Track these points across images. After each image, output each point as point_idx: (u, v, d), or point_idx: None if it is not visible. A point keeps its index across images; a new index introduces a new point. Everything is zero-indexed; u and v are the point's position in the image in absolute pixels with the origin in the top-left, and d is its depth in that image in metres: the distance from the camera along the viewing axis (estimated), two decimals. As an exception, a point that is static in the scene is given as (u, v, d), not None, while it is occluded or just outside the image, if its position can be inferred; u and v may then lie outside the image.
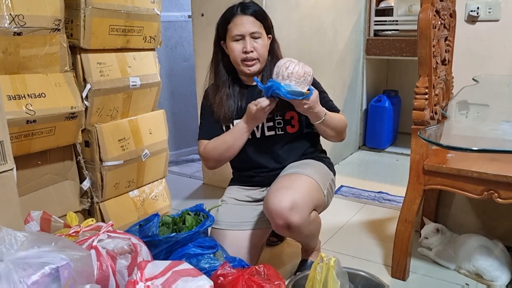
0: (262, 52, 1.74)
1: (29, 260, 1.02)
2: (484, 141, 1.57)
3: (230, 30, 1.73)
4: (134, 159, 2.11)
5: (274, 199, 1.59)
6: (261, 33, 1.73)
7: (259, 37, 1.72)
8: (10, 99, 1.58)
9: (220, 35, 1.79)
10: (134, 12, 1.99)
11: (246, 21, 1.70)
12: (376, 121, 3.71)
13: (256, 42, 1.72)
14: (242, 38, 1.71)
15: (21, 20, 1.57)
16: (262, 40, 1.73)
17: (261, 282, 1.42)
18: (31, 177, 1.78)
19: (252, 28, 1.70)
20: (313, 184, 1.69)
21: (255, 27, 1.71)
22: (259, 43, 1.72)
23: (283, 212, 1.56)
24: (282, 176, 1.74)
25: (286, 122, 1.80)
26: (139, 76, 2.08)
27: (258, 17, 1.72)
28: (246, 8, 1.72)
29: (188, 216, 1.77)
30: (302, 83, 1.58)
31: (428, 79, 1.73)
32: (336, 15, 3.15)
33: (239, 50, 1.72)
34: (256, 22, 1.72)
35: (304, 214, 1.60)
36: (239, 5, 1.74)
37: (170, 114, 3.13)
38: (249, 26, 1.70)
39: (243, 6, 1.73)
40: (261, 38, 1.72)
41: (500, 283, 1.77)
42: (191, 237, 1.64)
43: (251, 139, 1.79)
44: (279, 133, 1.80)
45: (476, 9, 2.20)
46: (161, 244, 1.61)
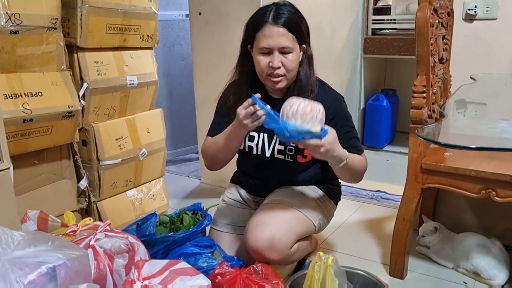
0: (291, 68, 1.54)
1: (26, 260, 1.02)
2: (482, 140, 1.57)
3: (257, 40, 1.52)
4: (131, 158, 2.11)
5: (251, 237, 1.55)
6: (293, 48, 1.51)
7: (289, 52, 1.51)
8: (6, 98, 1.57)
9: (247, 39, 1.59)
10: (131, 10, 1.98)
11: (276, 33, 1.48)
12: (374, 120, 3.70)
13: (286, 57, 1.51)
14: (270, 52, 1.51)
15: (17, 19, 1.57)
16: (293, 55, 1.52)
17: (259, 281, 1.42)
18: (28, 176, 1.78)
19: (283, 42, 1.49)
20: (297, 216, 1.62)
21: (286, 41, 1.49)
22: (288, 59, 1.51)
23: (260, 252, 1.54)
24: (265, 206, 1.66)
25: (298, 151, 1.65)
26: (136, 75, 2.08)
27: (291, 29, 1.50)
28: (279, 17, 1.49)
29: (186, 216, 1.77)
30: (310, 121, 1.35)
31: (426, 78, 1.72)
32: (334, 14, 3.14)
33: (265, 64, 1.52)
34: (288, 35, 1.49)
35: (283, 252, 1.56)
36: (272, 9, 1.52)
37: (167, 113, 3.12)
38: (279, 40, 1.49)
39: (276, 13, 1.50)
40: (291, 53, 1.51)
41: (498, 281, 1.78)
42: (189, 236, 1.63)
43: (260, 154, 1.69)
44: (288, 160, 1.67)
45: (473, 7, 2.20)
46: (158, 244, 1.61)
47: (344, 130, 1.58)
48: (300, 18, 1.56)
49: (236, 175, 1.94)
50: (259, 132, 1.68)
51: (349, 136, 1.61)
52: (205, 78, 2.85)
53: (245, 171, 1.85)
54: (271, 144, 1.68)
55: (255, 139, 1.70)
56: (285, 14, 1.51)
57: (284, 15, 1.50)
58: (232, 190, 1.90)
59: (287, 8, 1.54)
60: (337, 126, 1.53)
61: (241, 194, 1.87)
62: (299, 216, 1.63)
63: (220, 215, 1.84)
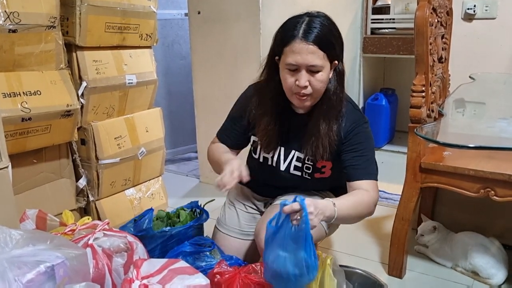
0: (319, 88, 1.41)
1: (24, 259, 1.02)
2: (480, 139, 1.57)
3: (285, 54, 1.39)
4: (130, 157, 2.11)
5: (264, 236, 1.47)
6: (323, 66, 1.38)
7: (318, 71, 1.38)
8: (5, 97, 1.57)
9: (275, 51, 1.46)
10: (130, 9, 1.98)
11: (305, 50, 1.35)
12: (373, 120, 3.68)
13: (314, 76, 1.38)
14: (298, 69, 1.38)
15: (16, 18, 1.56)
16: (322, 74, 1.39)
17: (257, 280, 1.42)
18: (27, 175, 1.77)
19: (312, 60, 1.36)
20: None
21: (315, 60, 1.36)
22: (317, 78, 1.39)
23: None
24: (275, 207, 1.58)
25: (316, 169, 1.57)
26: (135, 74, 2.08)
27: (323, 46, 1.36)
28: (310, 31, 1.36)
29: (183, 212, 1.77)
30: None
31: (425, 77, 1.72)
32: (332, 13, 3.10)
33: (292, 82, 1.40)
34: (319, 53, 1.36)
35: None
36: (304, 21, 1.40)
37: (166, 112, 3.11)
38: (309, 58, 1.36)
39: (308, 27, 1.38)
40: (321, 72, 1.38)
41: (496, 280, 1.78)
42: (186, 231, 1.64)
43: (275, 167, 1.62)
44: (305, 177, 1.59)
45: (473, 7, 2.21)
46: (155, 239, 1.61)
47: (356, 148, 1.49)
48: (334, 33, 1.42)
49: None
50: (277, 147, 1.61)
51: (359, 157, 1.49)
52: (204, 77, 2.85)
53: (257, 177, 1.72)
54: (287, 159, 1.61)
55: (271, 152, 1.62)
56: (317, 28, 1.38)
57: (316, 30, 1.37)
58: (240, 191, 1.83)
59: (321, 21, 1.41)
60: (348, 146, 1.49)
61: (250, 196, 1.80)
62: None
63: (227, 218, 1.79)
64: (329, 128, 1.48)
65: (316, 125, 1.49)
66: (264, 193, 1.78)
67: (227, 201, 1.86)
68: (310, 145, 1.51)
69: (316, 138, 1.50)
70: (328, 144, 1.48)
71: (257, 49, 2.54)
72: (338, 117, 1.49)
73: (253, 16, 2.53)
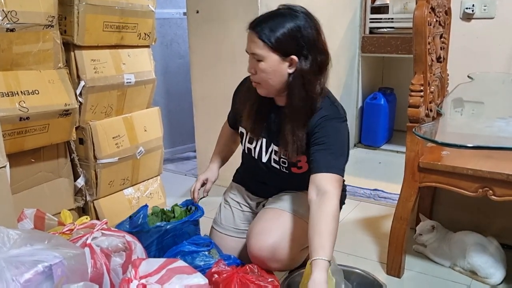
0: (262, 77, 1.47)
1: (22, 258, 1.02)
2: (479, 138, 1.57)
3: None
4: (128, 156, 2.10)
5: (255, 245, 1.54)
6: (264, 56, 1.42)
7: (260, 60, 1.44)
8: (3, 96, 1.57)
9: None
10: (129, 8, 1.98)
11: (249, 38, 1.45)
12: (371, 119, 3.71)
13: (258, 65, 1.45)
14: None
15: (14, 16, 1.56)
16: (264, 63, 1.43)
17: (255, 280, 1.43)
18: (25, 174, 1.77)
19: (252, 48, 1.44)
20: (302, 226, 1.54)
21: (255, 48, 1.43)
22: (259, 67, 1.45)
23: (262, 260, 1.54)
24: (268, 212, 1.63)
25: (292, 164, 1.60)
26: (133, 73, 2.07)
27: (263, 36, 1.41)
28: (258, 23, 1.44)
29: (177, 208, 1.78)
30: None
31: (423, 77, 1.72)
32: (331, 12, 3.14)
33: (248, 68, 1.50)
34: (259, 42, 1.41)
35: (285, 262, 1.55)
36: (263, 15, 1.47)
37: (165, 112, 3.11)
38: (251, 46, 1.44)
39: (260, 18, 1.46)
40: (262, 62, 1.43)
41: (495, 280, 1.78)
42: (182, 226, 1.65)
43: (257, 159, 1.68)
44: (284, 171, 1.64)
45: (471, 6, 2.21)
46: (151, 234, 1.62)
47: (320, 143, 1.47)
48: (286, 28, 1.41)
49: (239, 172, 1.92)
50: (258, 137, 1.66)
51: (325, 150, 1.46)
52: (202, 76, 2.84)
53: (247, 170, 1.84)
54: (268, 151, 1.65)
55: (253, 142, 1.68)
56: (266, 19, 1.43)
57: (264, 21, 1.43)
58: (235, 190, 1.88)
59: (275, 16, 1.44)
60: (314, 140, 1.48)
61: (244, 195, 1.85)
62: (304, 226, 1.56)
63: (222, 217, 1.82)
64: (295, 126, 1.49)
65: (284, 121, 1.51)
66: (256, 191, 1.80)
67: (223, 201, 1.88)
68: (281, 140, 1.53)
69: (283, 134, 1.52)
70: (293, 141, 1.49)
71: (256, 49, 2.54)
72: (308, 113, 1.48)
73: (251, 15, 2.49)
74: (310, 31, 1.45)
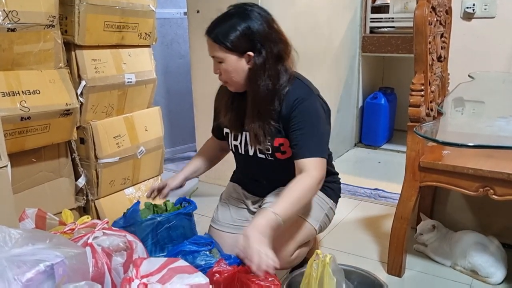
0: (228, 77, 1.57)
1: (24, 258, 1.02)
2: (479, 138, 1.57)
3: None
4: (129, 156, 2.10)
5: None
6: (223, 57, 1.53)
7: (220, 61, 1.54)
8: (4, 96, 1.57)
9: None
10: (129, 8, 1.98)
11: (208, 44, 1.56)
12: (372, 118, 3.71)
13: (220, 66, 1.56)
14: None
15: (15, 16, 1.56)
16: (225, 64, 1.54)
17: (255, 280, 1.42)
18: (26, 174, 1.77)
19: (212, 52, 1.56)
20: (298, 223, 1.60)
21: (214, 52, 1.54)
22: (222, 68, 1.56)
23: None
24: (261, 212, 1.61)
25: (275, 149, 1.63)
26: (134, 73, 2.08)
27: (218, 40, 1.51)
28: (211, 28, 1.54)
29: (169, 203, 1.80)
30: None
31: (424, 76, 1.72)
32: (331, 12, 3.14)
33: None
34: (215, 46, 1.53)
35: (283, 261, 1.55)
36: (216, 19, 1.56)
37: (165, 111, 3.11)
38: (210, 50, 1.56)
39: (212, 23, 1.55)
40: (223, 63, 1.54)
41: (495, 279, 1.78)
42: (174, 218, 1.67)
43: (244, 154, 1.71)
44: (269, 159, 1.67)
45: (472, 6, 2.21)
46: (144, 228, 1.64)
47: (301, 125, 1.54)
48: (237, 29, 1.50)
49: (236, 173, 1.95)
50: (241, 131, 1.69)
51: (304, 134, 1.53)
52: (203, 76, 2.84)
53: (240, 170, 1.87)
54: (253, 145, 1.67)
55: (238, 138, 1.71)
56: (217, 24, 1.53)
57: (215, 25, 1.53)
58: (232, 189, 1.90)
59: (226, 18, 1.53)
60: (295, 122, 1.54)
61: (240, 194, 1.87)
62: (300, 223, 1.61)
63: (220, 214, 1.83)
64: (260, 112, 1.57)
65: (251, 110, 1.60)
66: (251, 189, 1.82)
67: (220, 200, 1.89)
68: (249, 128, 1.61)
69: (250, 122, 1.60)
70: (258, 127, 1.57)
71: (256, 48, 2.54)
72: (273, 100, 1.56)
73: (252, 15, 2.52)
74: (260, 26, 1.52)
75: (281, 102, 1.57)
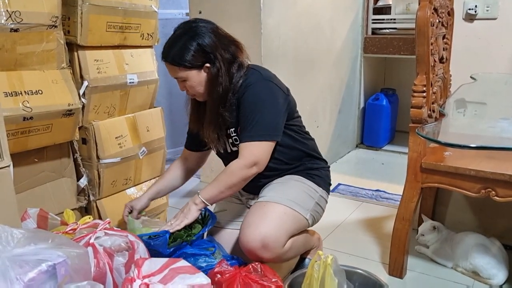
0: (195, 91, 1.68)
1: (26, 257, 1.02)
2: (481, 139, 1.57)
3: None
4: (131, 156, 2.11)
5: (244, 238, 1.58)
6: (186, 76, 1.63)
7: (184, 80, 1.65)
8: (6, 96, 1.57)
9: None
10: (131, 9, 1.98)
11: (168, 68, 1.66)
12: (373, 120, 3.71)
13: (185, 84, 1.67)
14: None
15: (17, 17, 1.56)
16: (189, 81, 1.64)
17: (258, 280, 1.43)
18: (28, 174, 1.77)
19: (174, 74, 1.66)
20: (287, 213, 1.62)
21: (176, 73, 1.64)
22: (187, 85, 1.67)
23: (253, 252, 1.56)
24: (255, 206, 1.67)
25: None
26: (136, 73, 2.08)
27: (177, 63, 1.61)
28: (165, 54, 1.64)
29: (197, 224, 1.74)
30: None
31: (426, 77, 1.73)
32: (333, 13, 3.14)
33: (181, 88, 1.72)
34: (175, 68, 1.63)
35: (276, 251, 1.57)
36: (167, 43, 1.65)
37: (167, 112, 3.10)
38: (172, 73, 1.66)
39: (164, 48, 1.65)
40: (187, 80, 1.65)
41: (497, 281, 1.78)
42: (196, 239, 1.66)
43: (223, 152, 1.78)
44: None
45: (474, 7, 2.21)
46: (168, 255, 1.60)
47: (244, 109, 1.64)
48: (188, 48, 1.60)
49: None
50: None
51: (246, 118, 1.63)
52: (205, 76, 2.84)
53: None
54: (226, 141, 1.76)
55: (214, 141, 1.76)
56: (169, 48, 1.62)
57: (168, 50, 1.62)
58: None
59: (176, 40, 1.62)
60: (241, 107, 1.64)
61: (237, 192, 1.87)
62: (289, 213, 1.62)
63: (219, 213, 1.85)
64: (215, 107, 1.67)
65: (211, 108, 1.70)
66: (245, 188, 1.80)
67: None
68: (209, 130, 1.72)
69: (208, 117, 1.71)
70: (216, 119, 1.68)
71: (258, 49, 2.54)
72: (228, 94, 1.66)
73: (254, 16, 2.53)
74: (209, 39, 1.62)
75: (235, 93, 1.67)
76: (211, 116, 1.70)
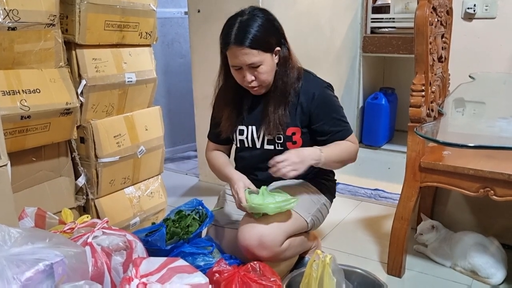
0: (265, 78, 1.60)
1: (23, 257, 1.02)
2: (480, 138, 1.57)
3: (228, 57, 1.60)
4: (129, 155, 2.10)
5: (242, 235, 1.58)
6: (262, 60, 1.55)
7: (259, 65, 1.56)
8: (4, 95, 1.57)
9: (222, 53, 1.64)
10: (130, 7, 1.97)
11: (240, 53, 1.53)
12: (372, 119, 3.70)
13: (257, 70, 1.57)
14: (241, 68, 1.58)
15: (15, 15, 1.56)
16: (263, 66, 1.57)
17: (256, 279, 1.42)
18: (26, 173, 1.77)
19: (248, 60, 1.54)
20: (287, 213, 1.62)
21: (251, 58, 1.54)
22: (260, 71, 1.57)
23: (250, 250, 1.56)
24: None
25: (287, 138, 1.68)
26: (134, 72, 2.07)
27: (255, 45, 1.53)
28: (241, 36, 1.52)
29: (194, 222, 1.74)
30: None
31: (424, 76, 1.72)
32: (333, 12, 3.14)
33: (241, 79, 1.61)
34: (253, 52, 1.53)
35: (273, 249, 1.57)
36: (235, 26, 1.55)
37: (166, 111, 3.11)
38: (245, 59, 1.54)
39: (239, 31, 1.53)
40: (262, 65, 1.56)
41: (495, 280, 1.78)
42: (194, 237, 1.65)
43: (251, 147, 1.75)
44: (278, 149, 1.70)
45: (472, 6, 2.20)
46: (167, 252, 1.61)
47: (329, 116, 1.67)
48: (266, 27, 1.56)
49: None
50: (247, 125, 1.74)
51: (333, 122, 1.68)
52: (203, 76, 2.85)
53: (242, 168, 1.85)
54: (260, 136, 1.72)
55: (244, 133, 1.75)
56: (246, 31, 1.53)
57: (246, 35, 1.52)
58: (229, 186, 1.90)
59: (250, 22, 1.55)
60: (321, 115, 1.66)
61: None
62: (289, 214, 1.63)
63: (219, 212, 1.84)
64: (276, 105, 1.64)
65: (267, 104, 1.66)
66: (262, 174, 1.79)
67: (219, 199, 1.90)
68: (265, 124, 1.67)
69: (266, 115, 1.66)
70: (274, 118, 1.64)
71: (257, 48, 2.54)
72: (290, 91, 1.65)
73: (253, 14, 2.52)
74: (275, 21, 1.62)
75: (298, 94, 1.66)
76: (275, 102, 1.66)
